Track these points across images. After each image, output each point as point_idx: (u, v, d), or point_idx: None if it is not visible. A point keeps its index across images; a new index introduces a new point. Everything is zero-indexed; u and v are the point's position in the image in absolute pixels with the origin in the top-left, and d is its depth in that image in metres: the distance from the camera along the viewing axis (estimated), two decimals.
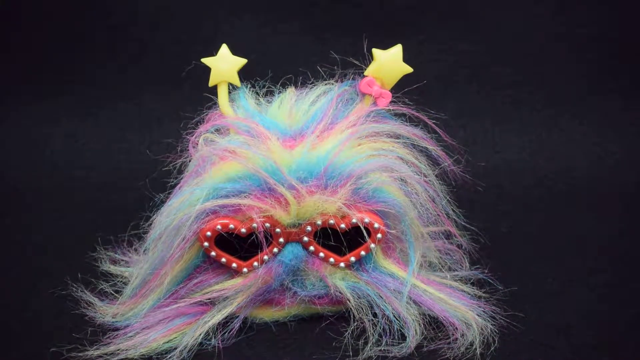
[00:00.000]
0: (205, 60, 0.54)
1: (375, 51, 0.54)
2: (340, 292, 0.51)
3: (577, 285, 0.59)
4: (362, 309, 0.50)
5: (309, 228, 0.50)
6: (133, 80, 0.93)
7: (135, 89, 0.93)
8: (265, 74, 0.57)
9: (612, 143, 0.90)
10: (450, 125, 0.92)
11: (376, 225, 0.51)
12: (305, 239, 0.51)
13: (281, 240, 0.50)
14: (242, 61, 0.54)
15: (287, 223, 0.50)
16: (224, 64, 0.53)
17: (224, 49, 0.54)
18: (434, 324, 0.50)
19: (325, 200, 0.49)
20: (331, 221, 0.50)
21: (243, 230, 0.49)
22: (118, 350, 0.47)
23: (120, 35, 0.92)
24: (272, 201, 0.49)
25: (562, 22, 0.92)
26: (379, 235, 0.51)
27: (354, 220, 0.50)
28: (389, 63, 0.54)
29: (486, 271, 0.57)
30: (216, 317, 0.49)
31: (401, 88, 0.55)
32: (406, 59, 0.54)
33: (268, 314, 0.52)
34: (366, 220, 0.50)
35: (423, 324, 0.50)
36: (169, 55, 0.92)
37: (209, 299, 0.50)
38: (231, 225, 0.49)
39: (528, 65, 0.93)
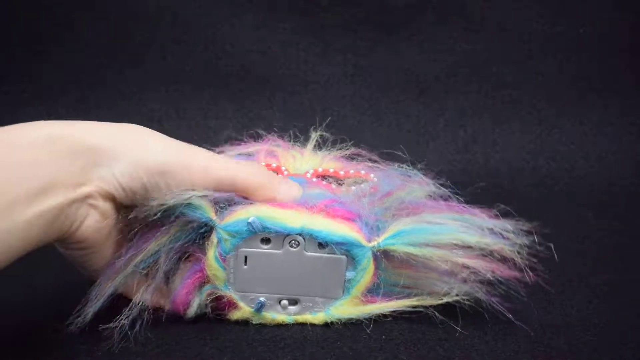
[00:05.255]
0: None
1: None
2: (346, 198, 0.50)
3: (577, 285, 0.59)
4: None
5: (311, 170, 0.55)
6: (133, 80, 0.93)
7: (135, 89, 0.93)
8: (265, 74, 0.58)
9: (612, 143, 0.90)
10: (450, 125, 0.93)
11: (372, 175, 0.54)
12: (308, 174, 0.54)
13: (285, 173, 0.54)
14: None
15: (293, 167, 0.55)
16: None
17: None
18: None
19: (326, 160, 0.57)
20: (331, 169, 0.55)
21: None
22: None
23: (120, 35, 0.93)
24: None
25: (562, 22, 0.92)
26: (376, 180, 0.54)
27: (351, 171, 0.55)
28: None
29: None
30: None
31: None
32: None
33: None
34: (362, 172, 0.55)
35: None
36: (169, 55, 0.92)
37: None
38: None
39: (528, 65, 0.93)
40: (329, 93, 0.93)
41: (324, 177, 0.55)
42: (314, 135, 0.62)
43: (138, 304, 0.47)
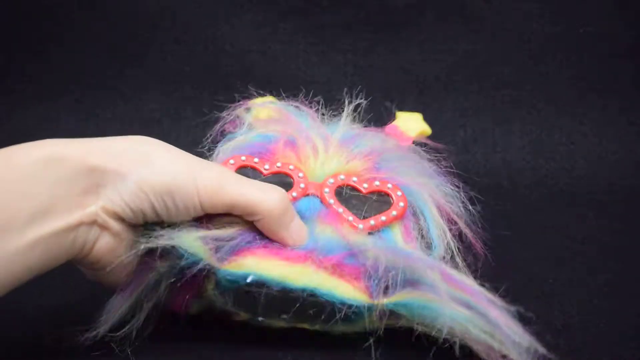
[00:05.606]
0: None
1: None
2: (360, 248, 0.46)
3: (577, 285, 0.59)
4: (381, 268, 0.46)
5: (331, 180, 0.50)
6: (133, 80, 0.93)
7: (135, 89, 0.93)
8: (265, 74, 0.57)
9: (612, 143, 0.90)
10: (450, 125, 0.93)
11: (399, 192, 0.50)
12: (327, 189, 0.50)
13: (302, 185, 0.50)
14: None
15: (311, 168, 0.51)
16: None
17: None
18: None
19: (352, 157, 0.51)
20: (354, 178, 0.50)
21: (266, 166, 0.51)
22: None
23: (121, 35, 0.92)
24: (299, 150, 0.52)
25: (562, 22, 0.92)
26: (401, 204, 0.50)
27: (376, 183, 0.50)
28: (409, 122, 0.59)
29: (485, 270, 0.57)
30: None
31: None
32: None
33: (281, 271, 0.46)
34: (389, 185, 0.50)
35: None
36: (169, 56, 0.92)
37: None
38: (256, 159, 0.51)
39: (528, 65, 0.93)
40: (329, 93, 0.93)
41: (344, 188, 0.51)
42: (346, 111, 0.58)
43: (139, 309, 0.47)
